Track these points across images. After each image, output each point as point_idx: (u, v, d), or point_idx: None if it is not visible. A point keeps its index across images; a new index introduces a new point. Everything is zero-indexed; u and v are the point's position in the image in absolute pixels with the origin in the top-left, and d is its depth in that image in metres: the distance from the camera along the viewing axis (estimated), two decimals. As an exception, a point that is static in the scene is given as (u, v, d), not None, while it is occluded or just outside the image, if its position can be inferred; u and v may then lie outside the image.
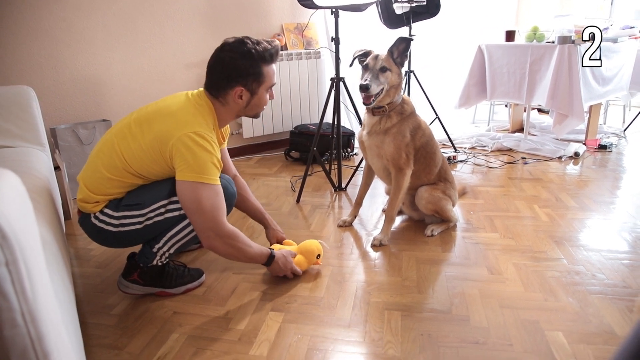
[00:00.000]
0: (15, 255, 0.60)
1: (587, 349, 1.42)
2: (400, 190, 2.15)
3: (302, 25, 3.81)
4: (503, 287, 1.78)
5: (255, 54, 1.64)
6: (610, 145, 3.61)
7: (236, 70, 1.64)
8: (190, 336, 1.54)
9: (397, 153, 2.10)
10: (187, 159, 1.52)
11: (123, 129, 1.62)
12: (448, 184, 2.30)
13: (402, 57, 2.08)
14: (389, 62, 2.05)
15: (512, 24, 5.12)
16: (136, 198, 1.62)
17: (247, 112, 1.77)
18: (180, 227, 1.66)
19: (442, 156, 2.32)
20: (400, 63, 2.08)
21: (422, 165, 2.21)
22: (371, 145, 2.17)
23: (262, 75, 1.68)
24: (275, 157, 3.78)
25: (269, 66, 1.71)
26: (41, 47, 2.81)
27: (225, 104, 1.70)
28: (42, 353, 0.65)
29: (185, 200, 1.56)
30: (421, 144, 2.17)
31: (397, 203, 2.18)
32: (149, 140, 1.56)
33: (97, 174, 1.61)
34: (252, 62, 1.65)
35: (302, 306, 1.70)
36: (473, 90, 4.00)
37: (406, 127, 2.12)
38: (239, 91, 1.67)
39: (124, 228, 1.62)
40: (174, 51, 3.30)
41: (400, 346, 1.46)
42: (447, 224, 2.28)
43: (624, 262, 1.93)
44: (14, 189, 0.70)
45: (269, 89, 1.76)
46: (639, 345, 0.43)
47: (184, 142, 1.52)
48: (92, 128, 2.87)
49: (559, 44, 3.39)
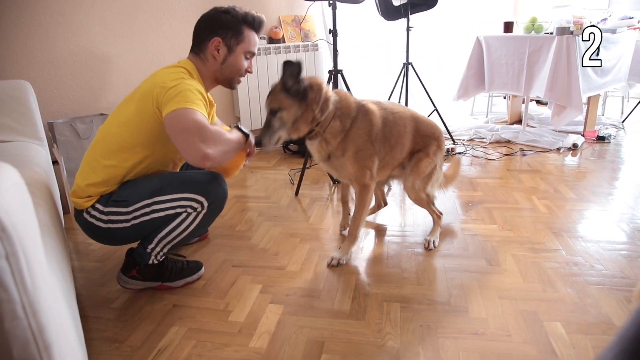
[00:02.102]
0: (14, 247, 0.60)
1: (586, 339, 1.43)
2: (364, 207, 1.92)
3: (299, 18, 3.79)
4: (502, 278, 1.79)
5: (239, 13, 1.72)
6: (609, 137, 3.61)
7: (218, 22, 1.70)
8: (190, 329, 1.55)
9: (360, 171, 1.85)
10: (170, 93, 1.51)
11: (112, 116, 1.69)
12: (434, 144, 2.02)
13: (298, 84, 1.70)
14: (278, 100, 1.72)
15: (510, 15, 5.10)
16: (123, 193, 1.61)
17: (224, 72, 1.75)
18: (170, 229, 1.65)
19: (414, 120, 2.01)
20: (297, 91, 1.70)
21: (392, 153, 1.95)
22: (330, 169, 1.94)
23: (241, 33, 1.72)
24: (273, 150, 3.77)
25: (250, 31, 1.75)
26: (38, 41, 2.79)
27: (205, 60, 1.72)
28: (44, 345, 0.65)
29: (170, 128, 1.47)
30: (381, 137, 1.89)
31: (361, 221, 1.95)
32: (136, 101, 1.60)
33: (93, 163, 1.62)
34: (234, 19, 1.71)
35: (302, 298, 1.70)
36: (471, 82, 3.99)
37: (359, 138, 1.81)
38: (216, 42, 1.69)
39: (112, 225, 1.62)
40: (172, 44, 3.29)
41: (399, 337, 1.47)
42: (437, 222, 2.13)
43: (622, 252, 1.94)
44: (13, 182, 0.70)
45: (248, 55, 1.78)
46: (636, 332, 0.43)
47: (165, 84, 1.54)
48: (90, 122, 2.86)
49: (557, 35, 3.38)
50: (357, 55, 4.28)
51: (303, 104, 1.72)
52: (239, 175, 3.14)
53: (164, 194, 1.60)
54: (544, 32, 3.67)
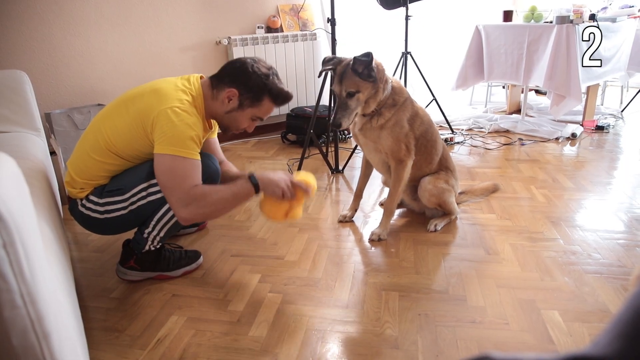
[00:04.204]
0: (12, 237, 0.60)
1: (582, 327, 1.44)
2: (400, 183, 2.04)
3: (297, 7, 3.76)
4: (500, 267, 1.79)
5: (270, 84, 1.67)
6: (608, 126, 3.61)
7: (244, 77, 1.65)
8: (189, 318, 1.56)
9: (397, 145, 1.99)
10: (166, 132, 1.50)
11: (109, 111, 1.64)
12: (450, 172, 2.19)
13: (369, 70, 1.85)
14: (354, 83, 1.86)
15: (509, 3, 5.06)
16: (117, 183, 1.62)
17: (224, 120, 1.73)
18: (166, 208, 1.64)
19: (443, 143, 2.22)
20: (369, 75, 1.85)
21: (422, 154, 2.10)
22: (367, 141, 2.06)
23: (260, 101, 1.68)
24: (272, 140, 3.76)
25: (270, 102, 1.71)
26: (33, 31, 2.76)
27: (215, 99, 1.68)
28: (43, 333, 0.66)
29: (160, 174, 1.52)
30: (420, 132, 2.06)
31: (397, 196, 2.08)
32: (133, 115, 1.56)
33: (83, 156, 1.61)
34: (262, 85, 1.66)
35: (300, 287, 1.71)
36: (470, 72, 3.97)
37: (402, 116, 1.99)
38: (232, 93, 1.65)
39: (109, 215, 1.62)
40: (169, 34, 3.26)
41: (398, 326, 1.48)
42: (450, 216, 2.18)
43: (620, 242, 1.94)
44: (10, 171, 0.69)
45: (256, 119, 1.75)
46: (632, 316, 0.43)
47: (165, 115, 1.51)
48: (87, 113, 2.84)
49: (557, 24, 3.36)
50: (356, 45, 4.26)
51: (375, 85, 1.89)
52: (238, 165, 3.13)
53: None
54: (544, 21, 3.64)
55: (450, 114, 3.92)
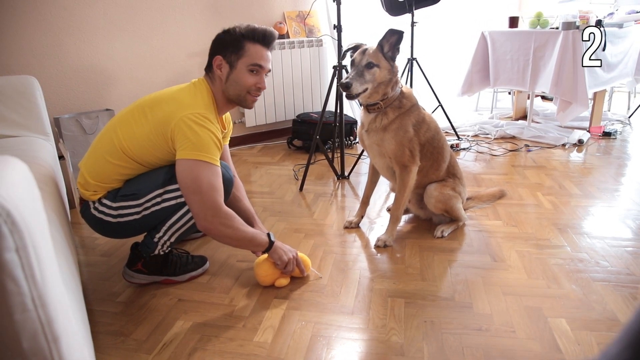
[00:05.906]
0: (24, 241, 0.61)
1: (590, 336, 1.43)
2: (405, 189, 2.03)
3: (304, 13, 3.78)
4: (506, 274, 1.78)
5: (242, 29, 1.69)
6: (615, 133, 3.59)
7: (218, 41, 1.71)
8: (195, 323, 1.56)
9: (400, 150, 1.98)
10: (189, 137, 1.53)
11: (126, 116, 1.65)
12: (457, 180, 2.18)
13: (393, 51, 1.91)
14: (377, 57, 1.89)
15: (515, 10, 5.07)
16: (132, 187, 1.63)
17: (229, 90, 1.71)
18: (179, 215, 1.66)
19: (450, 151, 2.21)
20: (392, 57, 1.91)
21: (429, 161, 2.09)
22: (371, 143, 2.05)
23: (241, 48, 1.68)
24: (277, 145, 3.77)
25: (253, 44, 1.69)
26: (43, 37, 2.80)
27: (213, 80, 1.72)
28: (52, 337, 0.66)
29: (183, 179, 1.54)
30: (426, 138, 2.04)
31: (403, 202, 2.07)
32: (153, 124, 1.58)
33: (99, 159, 1.63)
34: (233, 36, 1.68)
35: (306, 293, 1.71)
36: (476, 78, 3.98)
37: (407, 121, 1.98)
38: (218, 60, 1.68)
39: (122, 219, 1.63)
40: (176, 40, 3.29)
41: (403, 333, 1.47)
42: (457, 223, 2.17)
43: (628, 249, 1.93)
44: (22, 176, 0.70)
45: (253, 68, 1.70)
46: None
47: (185, 122, 1.53)
48: (96, 117, 2.87)
49: (563, 30, 3.36)
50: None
51: (391, 71, 1.92)
52: (244, 170, 3.15)
53: (175, 183, 1.61)
54: (550, 27, 3.64)
55: (456, 120, 3.93)
